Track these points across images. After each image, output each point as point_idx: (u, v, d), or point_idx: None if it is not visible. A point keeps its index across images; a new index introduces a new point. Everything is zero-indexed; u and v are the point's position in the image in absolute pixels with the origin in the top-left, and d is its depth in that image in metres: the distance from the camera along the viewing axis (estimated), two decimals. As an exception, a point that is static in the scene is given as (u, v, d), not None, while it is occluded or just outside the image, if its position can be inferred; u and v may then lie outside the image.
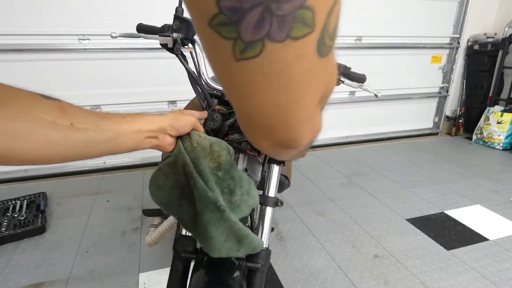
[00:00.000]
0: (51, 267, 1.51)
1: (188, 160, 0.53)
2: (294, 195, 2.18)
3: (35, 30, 2.14)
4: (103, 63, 2.36)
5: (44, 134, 0.35)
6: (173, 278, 0.72)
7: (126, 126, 0.44)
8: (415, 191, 2.30)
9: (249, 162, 0.84)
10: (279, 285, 1.43)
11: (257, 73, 0.18)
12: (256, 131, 0.25)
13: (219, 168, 0.55)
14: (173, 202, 0.56)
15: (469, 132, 3.47)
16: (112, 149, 0.43)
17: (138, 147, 0.47)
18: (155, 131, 0.49)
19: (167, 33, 0.83)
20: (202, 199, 0.53)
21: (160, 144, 0.51)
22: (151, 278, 1.45)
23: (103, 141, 0.41)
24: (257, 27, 0.16)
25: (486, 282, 1.46)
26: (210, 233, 0.54)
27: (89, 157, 0.42)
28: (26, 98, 0.35)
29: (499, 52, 3.25)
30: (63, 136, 0.37)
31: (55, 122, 0.36)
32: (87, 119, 0.40)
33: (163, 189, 0.56)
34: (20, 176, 2.37)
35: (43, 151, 0.36)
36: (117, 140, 0.43)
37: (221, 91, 0.89)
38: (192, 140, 0.54)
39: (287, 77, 0.19)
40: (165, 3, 2.27)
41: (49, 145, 0.36)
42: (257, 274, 0.74)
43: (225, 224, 0.54)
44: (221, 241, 0.55)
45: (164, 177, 0.55)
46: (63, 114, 0.37)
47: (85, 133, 0.39)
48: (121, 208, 2.02)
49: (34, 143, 0.35)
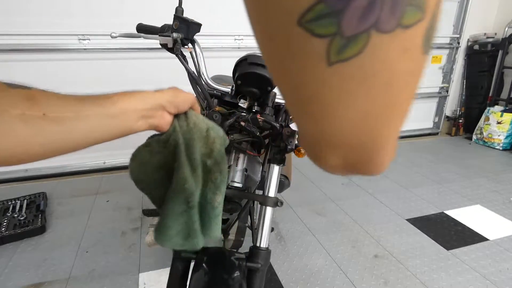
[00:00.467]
0: (51, 267, 1.51)
1: (181, 141, 0.47)
2: (294, 195, 2.18)
3: (35, 30, 2.14)
4: (103, 63, 2.36)
5: (12, 129, 0.30)
6: (173, 278, 0.72)
7: (111, 107, 0.38)
8: (415, 191, 2.30)
9: (249, 162, 0.84)
10: (279, 285, 1.43)
11: (353, 77, 0.15)
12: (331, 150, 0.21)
13: (210, 155, 0.51)
14: (153, 184, 0.52)
15: (469, 132, 3.47)
16: (99, 137, 0.37)
17: (133, 130, 0.40)
18: (151, 109, 0.42)
19: (167, 33, 0.83)
20: (177, 187, 0.49)
21: (158, 124, 0.44)
22: (151, 278, 1.45)
23: (87, 129, 0.35)
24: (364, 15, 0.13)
25: (486, 282, 1.46)
26: (167, 221, 0.50)
27: (76, 149, 0.37)
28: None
29: (499, 52, 3.25)
30: (35, 130, 0.32)
31: (24, 114, 0.31)
32: (64, 107, 0.34)
33: (145, 167, 0.51)
34: (20, 176, 2.37)
35: (14, 149, 0.31)
36: (105, 125, 0.37)
37: (221, 91, 0.89)
38: (189, 120, 0.49)
39: (387, 79, 0.15)
40: (165, 3, 2.27)
41: (20, 141, 0.31)
42: (257, 274, 0.74)
43: (186, 219, 0.51)
44: (173, 233, 0.51)
45: (150, 155, 0.50)
46: (33, 103, 0.32)
47: (62, 124, 0.33)
48: (121, 208, 2.02)
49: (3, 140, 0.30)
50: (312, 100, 0.17)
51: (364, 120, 0.17)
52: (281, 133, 0.80)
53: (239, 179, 0.80)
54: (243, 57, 0.80)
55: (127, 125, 0.39)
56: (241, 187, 0.80)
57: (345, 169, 0.22)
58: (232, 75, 0.83)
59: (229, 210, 0.85)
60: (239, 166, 0.82)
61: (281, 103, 0.87)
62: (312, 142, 0.21)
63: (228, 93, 0.88)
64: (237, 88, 0.84)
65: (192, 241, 0.53)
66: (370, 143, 0.19)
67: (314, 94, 0.16)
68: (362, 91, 0.16)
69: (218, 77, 1.39)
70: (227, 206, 0.82)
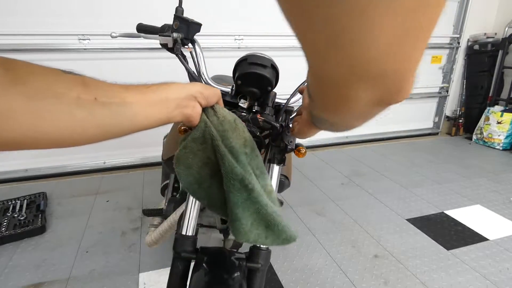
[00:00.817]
0: (51, 267, 1.51)
1: (215, 133, 0.48)
2: (294, 195, 2.18)
3: (35, 30, 2.14)
4: (103, 63, 2.36)
5: (68, 111, 0.33)
6: (173, 278, 0.72)
7: (152, 95, 0.40)
8: (415, 191, 2.30)
9: (249, 162, 0.84)
10: (279, 285, 1.43)
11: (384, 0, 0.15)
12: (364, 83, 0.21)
13: (245, 144, 0.51)
14: (203, 183, 0.52)
15: (469, 132, 3.47)
16: (140, 123, 0.39)
17: (169, 118, 0.42)
18: (185, 98, 0.44)
19: (167, 33, 0.83)
20: (228, 176, 0.48)
21: (191, 114, 0.46)
22: (151, 278, 1.45)
23: (132, 114, 0.38)
24: None
25: (486, 282, 1.46)
26: (235, 214, 0.49)
27: (120, 135, 0.38)
28: (47, 74, 0.33)
29: (499, 52, 3.25)
30: (88, 112, 0.34)
31: (79, 97, 0.33)
32: (112, 92, 0.37)
33: (193, 168, 0.51)
34: (20, 176, 2.38)
35: (69, 131, 0.33)
36: (146, 112, 0.39)
37: (222, 91, 0.89)
38: (218, 113, 0.50)
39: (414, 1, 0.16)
40: (165, 3, 2.27)
41: (75, 123, 0.33)
42: (257, 274, 0.74)
43: (253, 206, 0.50)
44: (248, 224, 0.50)
45: (193, 155, 0.50)
46: (86, 88, 0.34)
47: (110, 108, 0.36)
48: (121, 208, 2.02)
49: (59, 122, 0.32)
50: (344, 30, 0.17)
51: (395, 44, 0.18)
52: (281, 133, 0.80)
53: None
54: (243, 57, 0.80)
55: (165, 113, 0.41)
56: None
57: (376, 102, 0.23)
58: (232, 75, 0.83)
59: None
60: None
61: (281, 103, 0.86)
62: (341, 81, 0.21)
63: (228, 93, 0.88)
64: (237, 88, 0.84)
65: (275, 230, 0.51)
66: (401, 68, 0.20)
67: (347, 23, 0.16)
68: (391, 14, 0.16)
69: (218, 77, 1.39)
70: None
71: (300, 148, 0.79)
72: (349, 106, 0.24)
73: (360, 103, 0.23)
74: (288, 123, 0.87)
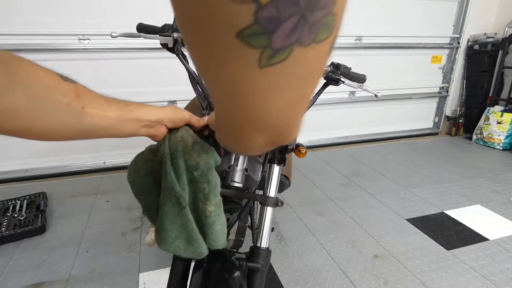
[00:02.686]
0: (51, 267, 1.51)
1: (167, 151, 0.55)
2: (294, 195, 2.18)
3: (35, 30, 2.14)
4: (103, 63, 2.36)
5: (60, 115, 0.38)
6: (173, 278, 0.72)
7: (128, 114, 0.47)
8: (415, 191, 2.30)
9: (249, 162, 0.84)
10: (279, 285, 1.43)
11: (279, 76, 0.19)
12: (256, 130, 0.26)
13: (196, 167, 0.56)
14: (144, 187, 0.58)
15: (469, 132, 3.47)
16: (112, 133, 0.46)
17: (135, 133, 0.50)
18: (154, 121, 0.52)
19: (168, 32, 0.83)
20: (167, 190, 0.54)
21: (155, 134, 0.54)
22: (151, 278, 1.45)
23: (106, 126, 0.45)
24: (289, 35, 0.17)
25: (486, 282, 1.46)
26: (164, 225, 0.56)
27: (94, 138, 0.46)
28: (46, 78, 0.38)
29: (499, 52, 3.26)
30: (75, 118, 0.40)
31: (71, 104, 0.39)
32: (97, 104, 0.43)
33: (139, 172, 0.58)
34: (20, 176, 2.38)
35: (57, 131, 0.39)
36: (119, 126, 0.46)
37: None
38: (177, 134, 0.56)
39: (305, 75, 0.20)
40: (165, 3, 2.26)
41: (62, 125, 0.39)
42: (257, 274, 0.74)
43: (181, 221, 0.55)
44: (172, 236, 0.56)
45: (143, 162, 0.58)
46: (78, 97, 0.40)
47: (92, 118, 0.42)
48: (121, 208, 2.02)
49: (51, 123, 0.38)
50: (244, 94, 0.21)
51: (287, 106, 0.23)
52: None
53: (239, 179, 0.80)
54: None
55: (134, 129, 0.49)
56: (241, 187, 0.80)
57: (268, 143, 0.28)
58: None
59: (229, 210, 0.85)
60: (239, 166, 0.82)
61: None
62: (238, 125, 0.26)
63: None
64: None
65: (194, 245, 0.58)
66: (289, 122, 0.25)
67: (247, 90, 0.21)
68: (285, 86, 0.20)
69: (218, 77, 1.39)
70: (227, 206, 0.82)
71: (301, 148, 0.79)
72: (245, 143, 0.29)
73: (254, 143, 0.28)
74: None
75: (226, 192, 0.79)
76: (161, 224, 0.56)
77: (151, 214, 0.59)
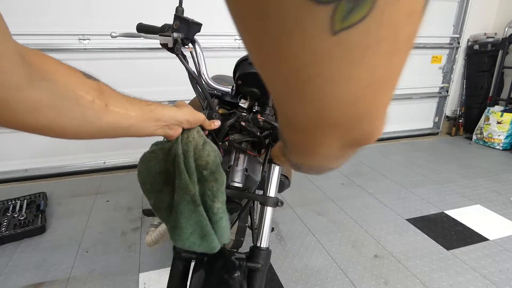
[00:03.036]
0: (51, 267, 1.51)
1: (180, 151, 0.56)
2: (294, 195, 2.18)
3: (35, 30, 2.14)
4: (103, 63, 2.36)
5: (83, 112, 0.38)
6: (173, 278, 0.72)
7: (149, 114, 0.47)
8: (415, 191, 2.30)
9: (249, 162, 0.84)
10: (279, 285, 1.43)
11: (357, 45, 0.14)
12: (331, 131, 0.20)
13: (206, 167, 0.58)
14: (155, 186, 0.59)
15: (469, 132, 3.47)
16: (132, 132, 0.46)
17: (154, 134, 0.50)
18: (172, 123, 0.53)
19: (167, 32, 0.83)
20: (182, 190, 0.56)
21: (172, 134, 0.55)
22: (151, 278, 1.45)
23: (128, 125, 0.44)
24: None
25: (486, 282, 1.46)
26: (180, 223, 0.57)
27: (112, 137, 0.45)
28: (71, 75, 0.38)
29: (499, 52, 3.25)
30: (97, 115, 0.40)
31: (94, 101, 0.39)
32: (120, 103, 0.43)
33: (151, 171, 0.59)
34: (20, 176, 2.37)
35: (78, 128, 0.39)
36: (139, 125, 0.46)
37: (222, 91, 0.89)
38: (189, 134, 0.57)
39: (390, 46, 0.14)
40: (165, 3, 2.27)
41: (84, 122, 0.39)
42: (257, 274, 0.74)
43: (196, 217, 0.57)
44: (188, 233, 0.58)
45: (155, 161, 0.59)
46: (101, 94, 0.40)
47: (115, 116, 0.42)
48: (121, 208, 2.02)
49: (72, 119, 0.37)
50: (311, 78, 0.16)
51: (365, 91, 0.16)
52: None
53: (239, 179, 0.80)
54: (244, 57, 0.80)
55: (153, 129, 0.49)
56: (241, 187, 0.80)
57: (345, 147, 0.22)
58: (233, 75, 0.83)
59: (229, 210, 0.84)
60: (239, 166, 0.82)
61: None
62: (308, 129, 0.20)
63: (229, 93, 0.88)
64: (237, 88, 0.84)
65: (208, 240, 0.59)
66: (370, 114, 0.19)
67: (314, 71, 0.15)
68: (365, 61, 0.15)
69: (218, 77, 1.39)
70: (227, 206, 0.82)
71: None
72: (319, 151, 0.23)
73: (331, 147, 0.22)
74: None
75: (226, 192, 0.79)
76: (177, 222, 0.58)
77: (161, 212, 0.60)
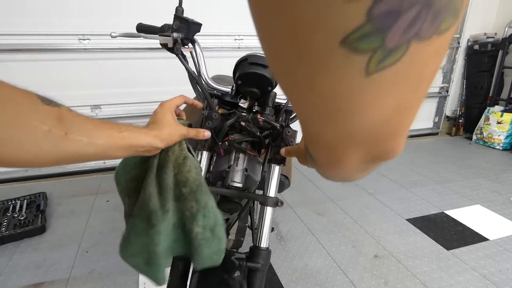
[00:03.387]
0: (51, 267, 1.51)
1: (155, 163, 0.53)
2: (294, 195, 2.18)
3: (35, 30, 2.14)
4: (103, 63, 2.36)
5: (36, 143, 0.34)
6: (173, 278, 0.72)
7: (120, 141, 0.44)
8: (415, 191, 2.30)
9: (249, 162, 0.84)
10: (279, 285, 1.43)
11: (388, 83, 0.15)
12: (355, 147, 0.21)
13: (185, 183, 0.54)
14: (125, 191, 0.58)
15: (469, 132, 3.47)
16: (99, 159, 0.43)
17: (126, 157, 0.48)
18: (145, 147, 0.49)
19: (167, 33, 0.83)
20: (141, 204, 0.52)
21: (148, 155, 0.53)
22: (151, 278, 1.45)
23: (93, 153, 0.41)
24: (407, 29, 0.13)
25: (486, 282, 1.46)
26: (130, 237, 0.53)
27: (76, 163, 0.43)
28: (23, 103, 0.34)
29: (499, 52, 3.25)
30: (55, 146, 0.36)
31: (50, 131, 0.35)
32: (84, 130, 0.39)
33: (126, 175, 0.57)
34: (20, 176, 2.37)
35: (32, 158, 0.35)
36: (107, 153, 0.43)
37: (222, 91, 0.89)
38: (170, 147, 0.54)
39: (420, 76, 0.16)
40: (165, 3, 2.27)
41: (39, 153, 0.35)
42: (257, 274, 0.74)
43: (146, 240, 0.52)
44: (135, 251, 0.53)
45: (133, 165, 0.57)
46: (60, 123, 0.36)
47: (77, 145, 0.38)
48: (121, 208, 2.01)
49: (25, 151, 0.34)
50: (341, 110, 0.17)
51: (396, 115, 0.18)
52: (281, 133, 0.80)
53: (239, 179, 0.80)
54: (244, 57, 0.80)
55: (123, 155, 0.46)
56: (241, 187, 0.80)
57: (369, 161, 0.23)
58: (233, 75, 0.83)
59: (229, 210, 0.85)
60: (239, 166, 0.82)
61: (281, 103, 0.86)
62: (333, 144, 0.22)
63: (228, 93, 0.88)
64: (237, 88, 0.84)
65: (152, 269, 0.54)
66: (394, 134, 0.20)
67: (345, 104, 0.17)
68: (396, 92, 0.16)
69: (218, 77, 1.39)
70: (227, 206, 0.82)
71: (300, 148, 0.79)
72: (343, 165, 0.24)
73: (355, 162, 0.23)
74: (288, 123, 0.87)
75: (226, 192, 0.79)
76: (127, 234, 0.53)
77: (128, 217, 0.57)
